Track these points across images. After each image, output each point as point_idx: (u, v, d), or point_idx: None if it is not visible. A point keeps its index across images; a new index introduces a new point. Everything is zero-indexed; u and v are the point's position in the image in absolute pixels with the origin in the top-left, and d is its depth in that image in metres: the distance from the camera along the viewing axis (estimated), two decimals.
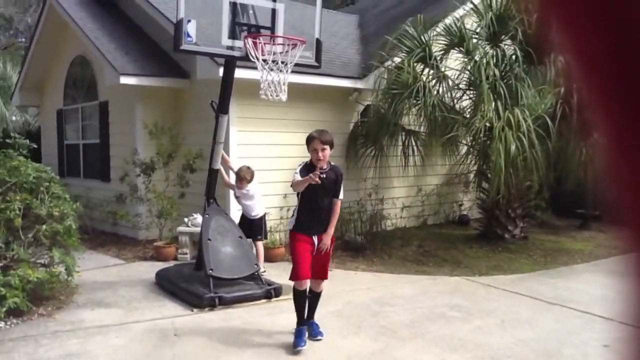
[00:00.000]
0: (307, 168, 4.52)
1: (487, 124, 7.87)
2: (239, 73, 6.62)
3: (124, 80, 8.58)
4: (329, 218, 4.62)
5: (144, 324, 5.15)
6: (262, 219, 7.07)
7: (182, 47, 5.36)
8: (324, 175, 4.43)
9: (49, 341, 4.70)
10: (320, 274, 4.68)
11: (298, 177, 4.47)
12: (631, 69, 0.37)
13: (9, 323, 5.14)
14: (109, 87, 9.45)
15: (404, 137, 9.61)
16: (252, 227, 6.91)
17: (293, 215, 4.73)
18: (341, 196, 4.70)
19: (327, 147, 4.54)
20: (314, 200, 4.54)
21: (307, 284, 4.61)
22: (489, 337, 4.86)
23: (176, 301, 5.84)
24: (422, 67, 9.05)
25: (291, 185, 4.65)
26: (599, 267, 7.70)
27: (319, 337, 4.73)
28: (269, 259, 7.69)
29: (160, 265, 7.11)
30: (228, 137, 7.78)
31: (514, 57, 8.56)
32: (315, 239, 4.58)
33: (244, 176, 6.84)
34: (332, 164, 4.75)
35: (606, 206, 0.40)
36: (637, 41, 0.36)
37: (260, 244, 7.07)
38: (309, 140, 4.58)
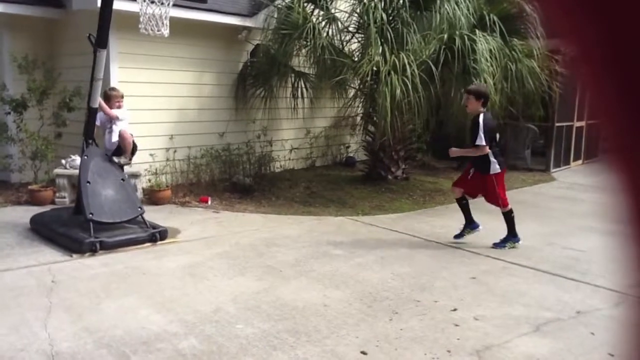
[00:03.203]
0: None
1: (374, 68, 8.01)
2: (119, 5, 6.22)
3: None
4: None
5: (17, 272, 4.89)
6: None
7: None
8: None
9: None
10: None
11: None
12: (625, 56, 0.37)
13: None
14: None
15: (293, 79, 9.58)
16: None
17: (488, 162, 5.75)
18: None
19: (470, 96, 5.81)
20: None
21: None
22: (369, 273, 5.11)
23: (54, 247, 5.58)
24: (312, 7, 8.97)
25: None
26: (472, 206, 8.24)
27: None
28: (154, 201, 7.52)
29: (36, 210, 6.71)
30: (108, 74, 7.36)
31: (401, 1, 8.69)
32: None
33: (118, 94, 6.45)
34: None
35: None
36: (630, 27, 0.36)
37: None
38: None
